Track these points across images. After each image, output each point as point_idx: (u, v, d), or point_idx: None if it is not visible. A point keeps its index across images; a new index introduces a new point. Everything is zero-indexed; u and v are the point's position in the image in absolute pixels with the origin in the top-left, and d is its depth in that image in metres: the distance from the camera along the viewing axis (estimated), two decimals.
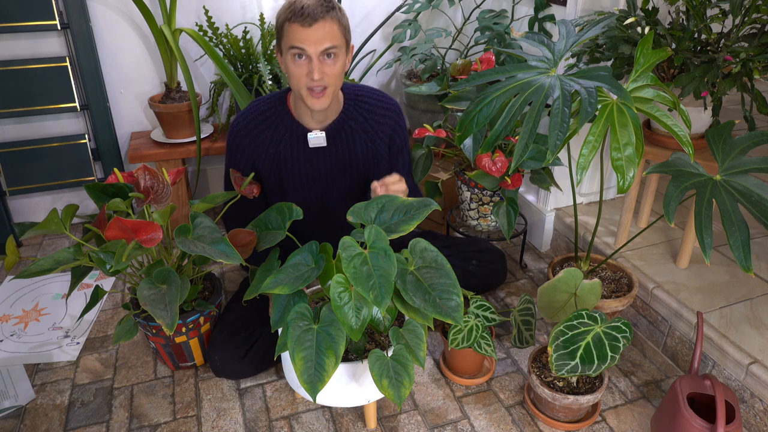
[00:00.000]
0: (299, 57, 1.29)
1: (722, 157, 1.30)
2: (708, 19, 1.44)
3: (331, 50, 1.29)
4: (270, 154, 1.49)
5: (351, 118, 1.48)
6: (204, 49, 1.89)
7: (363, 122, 1.50)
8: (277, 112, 1.47)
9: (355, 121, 1.49)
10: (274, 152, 1.48)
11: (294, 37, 1.27)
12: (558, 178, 1.93)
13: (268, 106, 1.48)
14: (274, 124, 1.47)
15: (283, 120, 1.47)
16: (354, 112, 1.49)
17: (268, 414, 1.44)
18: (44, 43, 1.99)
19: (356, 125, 1.49)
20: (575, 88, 1.15)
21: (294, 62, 1.31)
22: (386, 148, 1.55)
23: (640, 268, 1.71)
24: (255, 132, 1.48)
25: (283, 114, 1.47)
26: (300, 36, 1.26)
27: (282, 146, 1.48)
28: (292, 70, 1.32)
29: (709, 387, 1.26)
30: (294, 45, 1.28)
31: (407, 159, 1.63)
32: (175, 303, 1.17)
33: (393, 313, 1.22)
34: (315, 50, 1.27)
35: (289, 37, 1.28)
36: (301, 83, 1.32)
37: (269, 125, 1.47)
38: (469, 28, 2.31)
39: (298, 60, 1.30)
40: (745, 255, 1.14)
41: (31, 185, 2.12)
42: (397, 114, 1.54)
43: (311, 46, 1.27)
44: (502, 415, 1.43)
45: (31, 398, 1.48)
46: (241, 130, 1.49)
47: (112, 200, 1.25)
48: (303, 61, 1.30)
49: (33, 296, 1.89)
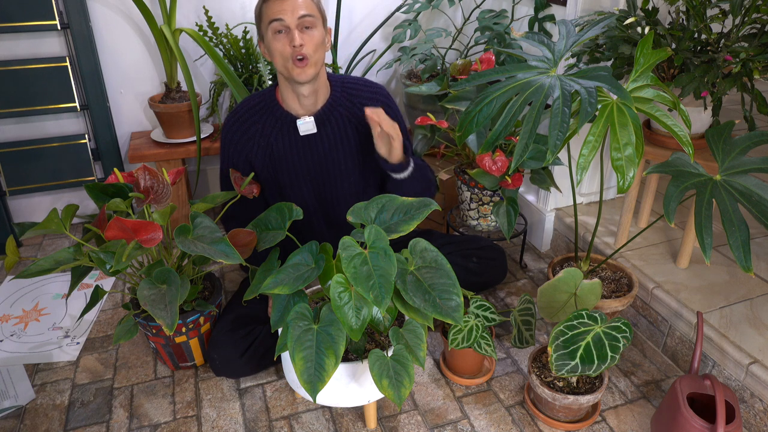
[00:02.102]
0: (279, 32, 1.34)
1: (722, 157, 1.30)
2: (708, 19, 1.44)
3: (307, 19, 1.34)
4: (262, 147, 1.51)
5: (339, 104, 1.51)
6: (204, 49, 1.89)
7: (351, 107, 1.52)
8: (267, 105, 1.50)
9: (343, 106, 1.51)
10: (266, 144, 1.51)
11: (271, 11, 1.33)
12: (558, 178, 1.93)
13: (257, 100, 1.52)
14: (265, 116, 1.50)
15: (273, 111, 1.50)
16: (341, 98, 1.51)
17: (268, 414, 1.44)
18: (44, 43, 1.99)
19: (345, 110, 1.51)
20: (575, 88, 1.15)
21: (275, 38, 1.35)
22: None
23: (640, 268, 1.71)
24: (246, 125, 1.51)
25: (272, 105, 1.50)
26: (276, 8, 1.33)
27: (273, 137, 1.50)
28: (274, 47, 1.36)
29: (709, 387, 1.26)
30: (273, 18, 1.33)
31: (405, 136, 1.60)
32: (175, 303, 1.17)
33: (393, 313, 1.22)
34: (292, 18, 1.32)
35: (267, 14, 1.34)
36: (285, 55, 1.35)
37: (259, 118, 1.50)
38: (469, 28, 2.31)
39: (279, 35, 1.35)
40: (745, 255, 1.14)
41: (31, 185, 2.12)
42: (385, 96, 1.57)
43: (288, 15, 1.32)
44: (502, 415, 1.43)
45: (31, 398, 1.48)
46: (233, 125, 1.52)
47: (112, 200, 1.25)
48: (283, 35, 1.35)
49: (33, 296, 1.89)
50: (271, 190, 1.56)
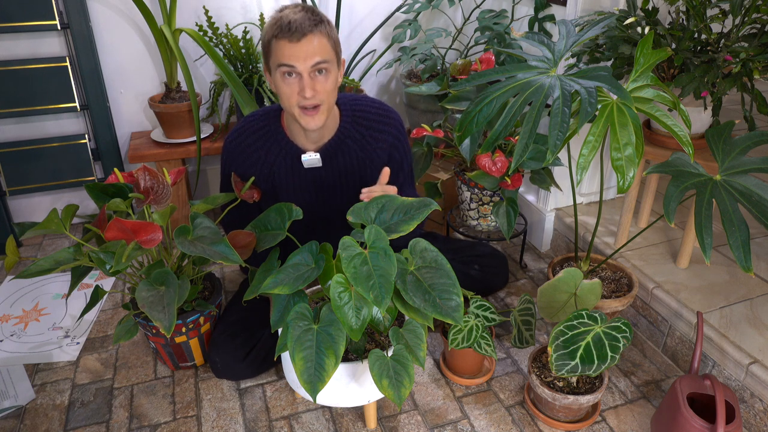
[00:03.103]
0: (289, 75, 1.25)
1: (722, 157, 1.30)
2: (708, 19, 1.44)
3: (321, 65, 1.24)
4: (264, 173, 1.45)
5: (348, 137, 1.43)
6: (204, 49, 1.89)
7: (360, 139, 1.44)
8: (271, 131, 1.42)
9: (352, 139, 1.44)
10: (268, 171, 1.45)
11: (282, 54, 1.23)
12: (558, 178, 1.93)
13: (261, 124, 1.43)
14: (268, 143, 1.43)
15: (277, 139, 1.42)
16: (351, 130, 1.43)
17: (268, 414, 1.44)
18: (44, 43, 1.99)
19: (353, 143, 1.44)
20: (575, 88, 1.15)
21: (284, 81, 1.26)
22: (385, 163, 1.49)
23: (640, 268, 1.71)
24: (248, 151, 1.44)
25: (277, 133, 1.42)
26: (288, 52, 1.22)
27: (276, 166, 1.44)
28: (282, 90, 1.27)
29: (709, 387, 1.26)
30: (283, 62, 1.23)
31: (408, 172, 1.58)
32: (173, 305, 1.17)
33: (393, 313, 1.22)
34: (305, 66, 1.23)
35: (277, 55, 1.24)
36: (292, 102, 1.28)
37: (263, 144, 1.43)
38: (469, 28, 2.31)
39: (288, 78, 1.25)
40: (745, 255, 1.14)
41: (31, 185, 2.12)
42: (397, 127, 1.49)
43: (301, 62, 1.22)
44: (502, 415, 1.43)
45: (31, 398, 1.48)
46: (235, 148, 1.45)
47: (112, 200, 1.25)
48: (293, 79, 1.25)
49: (33, 296, 1.89)
50: (269, 204, 1.53)
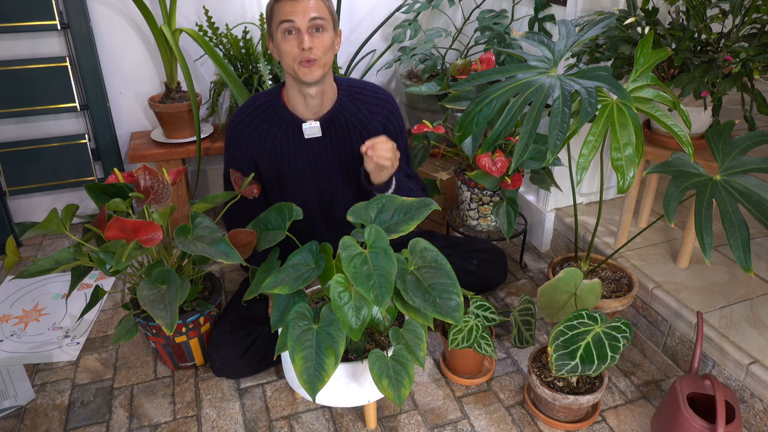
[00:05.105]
0: (289, 33, 1.34)
1: (722, 157, 1.30)
2: (708, 19, 1.44)
3: (318, 22, 1.33)
4: (267, 147, 1.51)
5: (345, 109, 1.51)
6: (204, 49, 1.89)
7: (356, 112, 1.52)
8: (273, 106, 1.50)
9: (349, 111, 1.51)
10: (271, 145, 1.51)
11: (283, 12, 1.33)
12: (558, 178, 1.93)
13: (263, 100, 1.51)
14: (270, 117, 1.50)
15: (279, 112, 1.49)
16: (348, 103, 1.51)
17: (268, 414, 1.44)
18: (44, 43, 1.99)
19: (350, 115, 1.51)
20: (575, 88, 1.15)
21: (284, 39, 1.34)
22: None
23: (640, 268, 1.71)
24: (252, 126, 1.51)
25: (279, 106, 1.49)
26: (288, 9, 1.32)
27: (278, 138, 1.50)
28: (283, 47, 1.35)
29: (709, 387, 1.26)
30: (283, 19, 1.32)
31: (404, 147, 1.63)
32: (175, 303, 1.17)
33: (393, 313, 1.22)
34: (303, 21, 1.32)
35: (279, 14, 1.34)
36: (292, 56, 1.35)
37: (265, 118, 1.50)
38: (469, 28, 2.31)
39: (288, 36, 1.34)
40: (745, 255, 1.14)
41: (31, 185, 2.12)
42: (391, 104, 1.57)
43: (299, 16, 1.32)
44: (502, 415, 1.43)
45: (31, 398, 1.48)
46: (239, 125, 1.51)
47: (112, 200, 1.25)
48: (293, 36, 1.34)
49: (33, 296, 1.89)
50: (273, 189, 1.57)
